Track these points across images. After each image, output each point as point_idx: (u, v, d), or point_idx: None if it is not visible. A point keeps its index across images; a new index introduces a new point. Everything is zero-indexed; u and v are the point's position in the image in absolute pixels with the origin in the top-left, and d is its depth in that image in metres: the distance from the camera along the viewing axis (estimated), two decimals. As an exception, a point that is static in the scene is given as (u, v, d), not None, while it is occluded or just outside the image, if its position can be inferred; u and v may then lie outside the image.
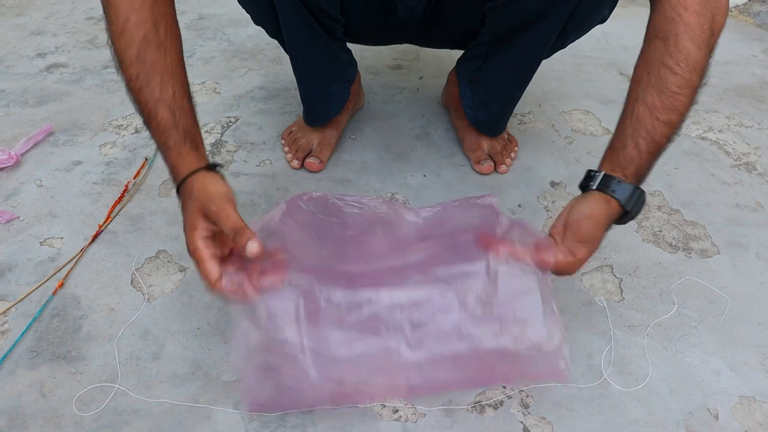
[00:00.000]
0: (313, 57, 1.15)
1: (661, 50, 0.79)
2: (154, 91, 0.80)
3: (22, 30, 1.85)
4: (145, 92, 0.80)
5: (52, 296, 0.98)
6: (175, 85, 0.82)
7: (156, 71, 0.80)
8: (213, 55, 1.71)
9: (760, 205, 1.20)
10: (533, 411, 0.84)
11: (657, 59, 0.79)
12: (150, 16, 0.80)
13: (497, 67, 1.16)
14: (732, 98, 1.56)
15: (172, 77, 0.81)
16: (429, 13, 1.09)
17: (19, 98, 1.50)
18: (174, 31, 0.84)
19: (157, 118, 0.80)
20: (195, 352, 0.91)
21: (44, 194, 1.19)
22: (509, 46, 1.10)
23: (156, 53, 0.80)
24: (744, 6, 2.10)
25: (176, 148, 0.80)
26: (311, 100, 1.26)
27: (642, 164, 0.81)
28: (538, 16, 1.01)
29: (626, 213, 0.82)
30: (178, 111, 0.81)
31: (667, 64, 0.78)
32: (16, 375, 0.87)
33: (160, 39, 0.81)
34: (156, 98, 0.80)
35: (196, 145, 0.83)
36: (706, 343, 0.94)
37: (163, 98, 0.80)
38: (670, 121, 0.79)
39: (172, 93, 0.81)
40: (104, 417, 0.82)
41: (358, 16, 1.09)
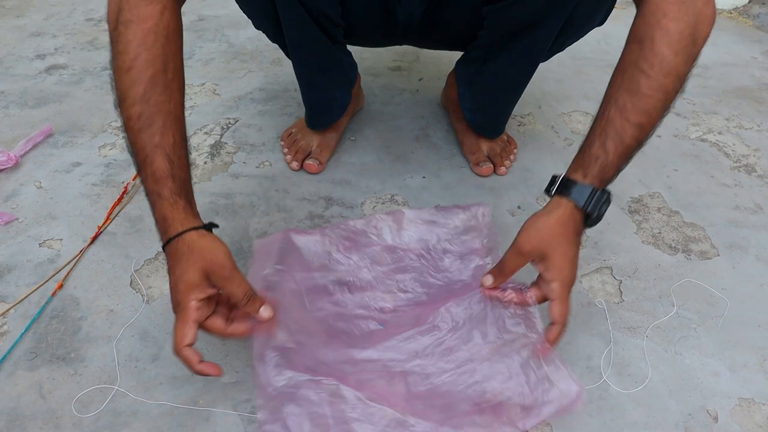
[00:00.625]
0: (315, 61, 1.15)
1: (636, 53, 0.79)
2: (155, 136, 0.77)
3: (21, 31, 1.85)
4: (144, 135, 0.77)
5: (52, 298, 0.98)
6: (176, 133, 0.78)
7: (160, 115, 0.77)
8: (213, 56, 1.71)
9: (760, 206, 1.20)
10: (532, 413, 0.84)
11: (632, 62, 0.79)
12: (161, 54, 0.77)
13: (495, 70, 1.16)
14: (731, 100, 1.56)
15: (174, 123, 0.78)
16: (428, 15, 1.09)
17: (18, 99, 1.50)
18: (180, 73, 0.82)
19: (153, 165, 0.76)
20: (194, 354, 0.90)
21: (43, 196, 1.19)
22: (507, 49, 1.10)
23: (161, 95, 0.77)
24: (744, 8, 2.10)
25: (171, 200, 0.76)
26: (314, 104, 1.26)
27: (607, 165, 0.79)
28: (535, 19, 1.01)
29: (588, 216, 0.80)
30: (176, 161, 0.77)
31: (641, 67, 0.78)
32: (15, 376, 0.87)
33: (168, 81, 0.78)
34: (155, 144, 0.77)
35: (190, 200, 0.79)
36: (705, 344, 0.94)
37: (162, 145, 0.77)
38: (640, 123, 0.78)
39: (172, 141, 0.78)
40: (103, 418, 0.82)
41: (358, 19, 1.09)
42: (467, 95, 1.26)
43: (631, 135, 0.78)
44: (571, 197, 0.79)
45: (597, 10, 1.05)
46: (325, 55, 1.14)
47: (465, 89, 1.26)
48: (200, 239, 0.75)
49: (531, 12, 1.00)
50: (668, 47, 0.77)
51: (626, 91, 0.79)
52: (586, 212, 0.80)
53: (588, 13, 1.04)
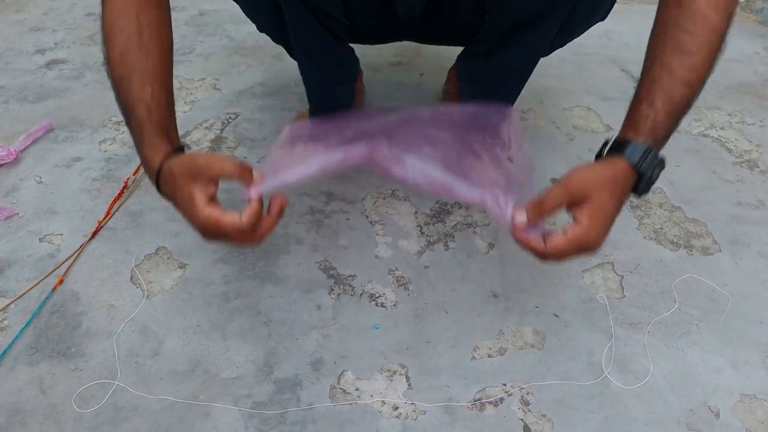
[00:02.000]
0: (319, 59, 1.15)
1: (677, 13, 0.76)
2: (134, 90, 0.81)
3: (21, 26, 1.85)
4: (125, 90, 0.81)
5: (52, 293, 0.98)
6: (155, 84, 0.82)
7: (136, 71, 0.81)
8: (213, 51, 1.71)
9: (762, 202, 1.20)
10: (533, 408, 0.84)
11: (672, 22, 0.77)
12: (135, 21, 0.82)
13: (497, 65, 1.15)
14: (734, 95, 1.56)
15: (152, 77, 0.82)
16: (429, 11, 1.09)
17: (18, 94, 1.50)
18: (160, 38, 0.85)
19: (135, 115, 0.81)
20: (194, 349, 0.90)
21: (44, 191, 1.19)
22: (508, 45, 1.10)
23: (137, 53, 0.82)
24: (747, 3, 2.10)
25: (149, 141, 0.80)
26: (319, 102, 1.26)
27: (658, 122, 0.76)
28: (538, 14, 1.01)
29: (641, 177, 0.76)
30: (154, 108, 0.81)
31: (683, 26, 0.76)
32: (15, 371, 0.87)
33: (143, 41, 0.82)
34: (135, 96, 0.81)
35: (170, 136, 0.82)
36: (707, 340, 0.93)
37: (141, 97, 0.81)
38: (687, 81, 0.76)
39: (150, 91, 0.81)
40: (104, 413, 0.82)
41: (360, 15, 1.09)
42: (468, 91, 1.25)
43: (680, 94, 0.76)
44: (625, 155, 0.75)
45: (599, 5, 1.04)
46: (329, 53, 1.14)
47: (466, 85, 1.25)
48: (175, 159, 0.77)
49: (533, 6, 0.99)
50: (708, 5, 0.75)
51: (671, 50, 0.76)
52: (639, 172, 0.76)
53: (590, 8, 1.04)
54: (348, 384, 0.86)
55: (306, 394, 0.85)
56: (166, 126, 0.82)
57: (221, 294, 0.98)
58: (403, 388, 0.86)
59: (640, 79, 0.79)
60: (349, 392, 0.85)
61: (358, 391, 0.86)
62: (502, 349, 0.91)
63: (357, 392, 0.85)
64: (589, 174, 0.74)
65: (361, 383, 0.87)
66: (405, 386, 0.86)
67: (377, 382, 0.87)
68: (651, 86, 0.77)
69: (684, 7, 0.76)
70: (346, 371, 0.88)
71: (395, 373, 0.88)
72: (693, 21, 0.75)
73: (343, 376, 0.87)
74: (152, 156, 0.79)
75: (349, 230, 1.11)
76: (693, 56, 0.75)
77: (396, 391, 0.85)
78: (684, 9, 0.76)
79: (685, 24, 0.76)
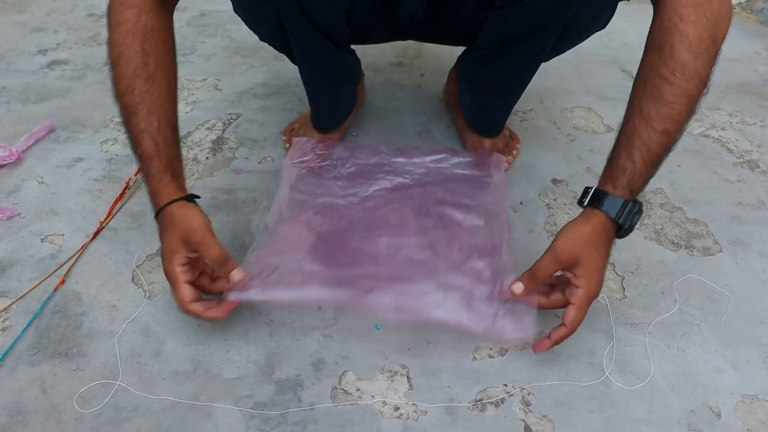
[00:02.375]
0: (322, 67, 1.16)
1: (657, 60, 0.79)
2: (140, 122, 0.86)
3: (23, 27, 1.85)
4: (132, 122, 0.87)
5: (53, 293, 0.98)
6: (161, 117, 0.87)
7: (144, 103, 0.86)
8: (214, 51, 1.71)
9: (763, 202, 1.20)
10: (534, 409, 0.84)
11: (653, 70, 0.79)
12: (140, 51, 0.87)
13: (495, 70, 1.15)
14: (735, 96, 1.56)
15: (158, 109, 0.87)
16: (429, 15, 1.09)
17: (20, 95, 1.50)
18: (165, 65, 0.90)
19: (142, 146, 0.86)
20: (196, 349, 0.91)
21: (45, 191, 1.19)
22: (507, 52, 1.09)
23: (144, 86, 0.87)
24: (747, 3, 2.10)
25: (158, 176, 0.87)
26: (321, 107, 1.26)
27: (635, 175, 0.80)
28: (536, 25, 1.01)
29: (620, 227, 0.82)
30: (161, 142, 0.87)
31: (662, 74, 0.78)
32: (17, 372, 0.87)
33: (150, 73, 0.87)
34: (141, 129, 0.86)
35: (177, 175, 0.89)
36: (708, 341, 0.93)
37: (147, 129, 0.86)
38: (666, 130, 0.79)
39: (157, 125, 0.87)
40: (105, 414, 0.82)
41: (363, 23, 1.09)
42: (467, 94, 1.26)
43: (657, 142, 0.79)
44: (603, 209, 0.81)
45: (599, 17, 1.03)
46: (331, 60, 1.14)
47: (465, 88, 1.26)
48: (179, 210, 0.85)
49: (530, 19, 0.99)
50: (688, 52, 0.77)
51: (650, 99, 0.79)
52: (618, 223, 0.82)
53: (588, 19, 1.03)
54: (349, 384, 0.87)
55: (307, 395, 0.85)
56: (174, 164, 0.89)
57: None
58: (404, 389, 0.86)
59: (621, 125, 0.83)
60: (350, 393, 0.85)
61: (360, 391, 0.86)
62: (503, 350, 0.91)
63: (358, 392, 0.86)
64: (575, 238, 0.82)
65: (362, 384, 0.87)
66: (406, 387, 0.86)
67: (378, 383, 0.87)
68: (630, 136, 0.80)
69: (665, 54, 0.78)
70: (347, 372, 0.88)
71: (396, 374, 0.88)
72: (672, 69, 0.78)
73: (345, 377, 0.87)
74: (159, 191, 0.87)
75: (350, 231, 1.11)
76: (671, 106, 0.78)
77: (397, 392, 0.86)
78: (664, 56, 0.79)
79: (664, 72, 0.78)
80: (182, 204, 0.86)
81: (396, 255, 0.96)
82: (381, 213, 1.04)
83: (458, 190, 1.08)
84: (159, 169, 0.87)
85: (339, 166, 1.14)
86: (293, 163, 1.15)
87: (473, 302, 0.87)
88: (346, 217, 1.03)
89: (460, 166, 1.15)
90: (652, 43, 0.81)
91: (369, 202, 1.06)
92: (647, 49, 0.82)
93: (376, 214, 1.04)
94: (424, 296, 0.88)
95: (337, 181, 1.11)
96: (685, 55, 0.77)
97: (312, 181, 1.11)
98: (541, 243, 1.04)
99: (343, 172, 1.13)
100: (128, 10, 0.88)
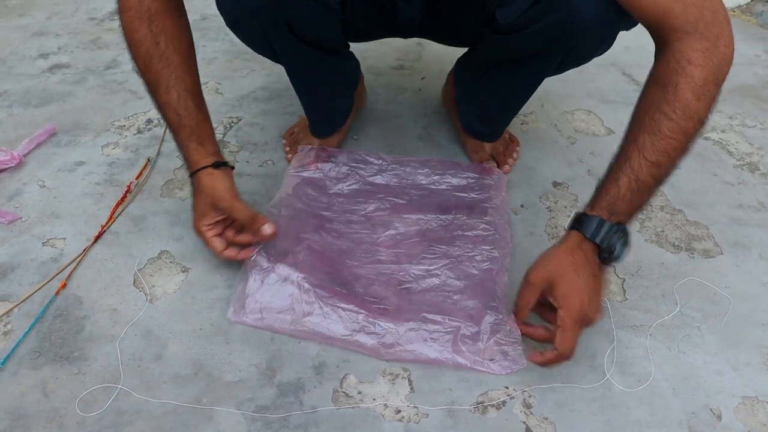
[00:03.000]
0: (315, 78, 1.16)
1: (660, 97, 0.81)
2: (162, 96, 0.95)
3: (24, 31, 1.85)
4: (156, 97, 0.96)
5: (55, 297, 0.98)
6: (180, 89, 0.95)
7: (161, 79, 0.94)
8: (215, 55, 1.71)
9: (763, 205, 1.20)
10: (536, 411, 0.84)
11: (654, 105, 0.81)
12: (148, 34, 0.93)
13: (491, 87, 1.15)
14: (735, 98, 1.56)
15: (176, 83, 0.94)
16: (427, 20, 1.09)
17: (21, 99, 1.50)
18: (175, 41, 0.95)
19: (168, 118, 0.96)
20: (197, 353, 0.91)
21: (47, 195, 1.19)
22: (506, 69, 1.10)
23: (159, 63, 0.93)
24: (747, 6, 2.10)
25: (184, 144, 0.96)
26: (316, 115, 1.26)
27: (618, 198, 0.82)
28: (534, 52, 1.01)
29: (601, 249, 0.83)
30: (183, 112, 0.95)
31: (663, 110, 0.80)
32: (18, 375, 0.87)
33: (161, 51, 0.93)
34: (163, 102, 0.95)
35: (202, 141, 0.97)
36: (708, 343, 0.93)
37: (168, 102, 0.94)
38: (657, 162, 0.80)
39: (176, 97, 0.94)
40: (107, 417, 0.82)
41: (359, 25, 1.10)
42: (464, 101, 1.26)
43: (647, 172, 0.81)
44: (579, 228, 0.84)
45: (599, 47, 1.02)
46: (325, 70, 1.14)
47: (461, 95, 1.26)
48: (206, 178, 0.95)
49: (529, 47, 0.99)
50: (692, 93, 0.79)
51: (646, 131, 0.81)
52: (597, 243, 0.82)
53: (589, 51, 1.02)
54: (350, 387, 0.87)
55: (309, 398, 0.85)
56: (198, 131, 0.97)
57: (224, 298, 0.99)
58: (406, 392, 0.86)
59: (616, 153, 0.85)
60: (351, 396, 0.86)
61: (361, 394, 0.86)
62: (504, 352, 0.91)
63: (360, 395, 0.86)
64: (546, 261, 0.83)
65: (363, 387, 0.87)
66: (407, 389, 0.86)
67: (380, 386, 0.87)
68: (621, 164, 0.83)
69: (668, 92, 0.80)
70: (348, 375, 0.88)
71: (398, 377, 0.88)
72: (673, 107, 0.79)
73: (346, 380, 0.88)
74: (189, 158, 0.97)
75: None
76: (668, 140, 0.80)
77: (398, 395, 0.86)
78: (668, 94, 0.80)
79: (665, 109, 0.80)
80: (210, 171, 0.95)
81: (387, 285, 0.98)
82: (379, 238, 1.06)
83: (456, 222, 1.09)
84: (185, 137, 0.96)
85: (341, 182, 1.17)
86: (296, 171, 1.19)
87: (462, 339, 0.89)
88: (344, 239, 1.05)
89: (460, 188, 1.16)
90: (657, 81, 0.82)
91: (367, 224, 1.09)
92: (650, 85, 0.83)
93: (374, 238, 1.06)
94: (413, 332, 0.90)
95: (338, 198, 1.14)
96: (689, 96, 0.79)
97: (312, 194, 1.15)
98: (542, 246, 1.04)
99: (345, 189, 1.16)
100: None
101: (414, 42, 1.72)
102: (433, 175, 1.19)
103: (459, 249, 1.03)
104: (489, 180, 1.18)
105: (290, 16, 0.96)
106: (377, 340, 0.89)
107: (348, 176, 1.18)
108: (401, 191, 1.15)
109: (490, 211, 1.11)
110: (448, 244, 1.05)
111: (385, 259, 1.02)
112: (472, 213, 1.11)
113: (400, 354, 0.89)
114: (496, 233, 1.06)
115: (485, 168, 1.22)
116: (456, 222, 1.09)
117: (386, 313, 0.92)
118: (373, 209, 1.12)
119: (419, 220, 1.09)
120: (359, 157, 1.23)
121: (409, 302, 0.95)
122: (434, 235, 1.06)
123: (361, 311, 0.92)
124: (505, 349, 0.89)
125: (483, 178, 1.18)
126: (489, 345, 0.89)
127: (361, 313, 0.92)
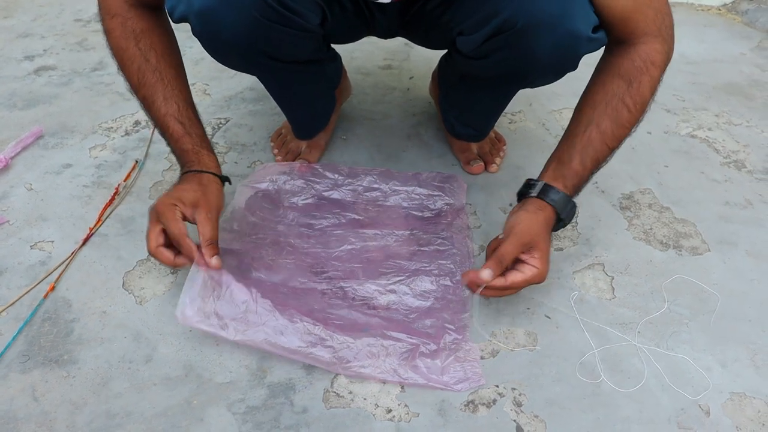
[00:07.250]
0: (292, 90, 1.17)
1: (623, 90, 0.90)
2: (160, 109, 0.94)
3: (9, 32, 1.84)
4: (153, 110, 0.95)
5: (44, 300, 0.98)
6: (179, 100, 0.95)
7: (157, 92, 0.94)
8: (203, 56, 1.69)
9: (750, 202, 1.21)
10: (526, 409, 0.84)
11: (618, 96, 0.90)
12: (137, 52, 0.94)
13: (468, 95, 1.17)
14: (721, 96, 1.57)
15: (173, 94, 0.95)
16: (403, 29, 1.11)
17: (7, 101, 1.49)
18: (166, 56, 0.96)
19: (170, 129, 0.95)
20: (187, 354, 0.90)
21: (34, 197, 1.19)
22: (477, 84, 1.12)
23: (153, 77, 0.94)
24: (732, 4, 2.12)
25: (195, 150, 0.95)
26: (297, 121, 1.27)
27: (582, 180, 0.92)
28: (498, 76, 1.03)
29: (559, 221, 0.92)
30: (186, 122, 0.95)
31: (626, 103, 0.90)
32: (8, 379, 0.87)
33: (153, 65, 0.94)
34: (163, 114, 0.94)
35: (211, 150, 0.98)
36: (697, 340, 0.94)
37: (169, 113, 0.94)
38: (614, 148, 0.92)
39: (176, 108, 0.95)
40: (97, 420, 0.82)
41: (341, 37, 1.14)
42: (446, 105, 1.28)
43: (605, 157, 0.93)
44: (554, 204, 0.91)
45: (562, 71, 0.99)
46: (304, 78, 1.14)
47: (443, 97, 1.28)
48: (210, 184, 0.93)
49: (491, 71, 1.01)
50: (650, 91, 0.91)
51: (610, 120, 0.90)
52: (559, 218, 0.92)
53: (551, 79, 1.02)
54: (341, 387, 0.87)
55: (299, 398, 0.85)
56: (205, 140, 0.98)
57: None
58: (396, 391, 0.86)
59: (574, 129, 0.94)
60: (342, 396, 0.86)
61: (352, 394, 0.86)
62: (494, 351, 0.92)
63: (350, 395, 0.86)
64: (533, 225, 0.89)
65: (354, 386, 0.87)
66: (398, 389, 0.86)
67: (370, 385, 0.87)
68: (586, 145, 0.91)
69: (632, 87, 0.90)
70: (339, 375, 0.88)
71: (388, 376, 0.88)
72: (635, 101, 0.90)
73: (336, 380, 0.88)
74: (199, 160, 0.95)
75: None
76: (624, 129, 0.91)
77: (389, 394, 0.86)
78: (632, 90, 0.90)
79: (628, 101, 0.90)
80: (216, 180, 0.95)
81: (344, 299, 0.97)
82: (334, 253, 1.05)
83: (412, 237, 1.08)
84: (195, 144, 0.95)
85: (296, 195, 1.16)
86: (250, 184, 1.17)
87: (420, 356, 0.88)
88: (299, 253, 1.04)
89: (417, 202, 1.16)
90: (620, 73, 0.91)
91: (323, 238, 1.08)
92: (612, 77, 0.91)
93: (330, 253, 1.05)
94: (370, 348, 0.89)
95: (292, 211, 1.13)
96: (647, 93, 0.90)
97: (267, 206, 1.13)
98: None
99: (299, 203, 1.15)
100: (113, 19, 0.94)
101: (402, 42, 1.73)
102: (390, 190, 1.18)
103: (416, 264, 1.03)
104: (447, 192, 1.18)
105: (269, 46, 0.96)
106: (333, 354, 0.87)
107: (303, 190, 1.17)
108: (357, 207, 1.14)
109: (446, 225, 1.11)
110: (406, 259, 1.04)
111: (342, 275, 1.01)
112: (428, 228, 1.10)
113: (357, 370, 0.87)
114: (453, 247, 1.06)
115: (444, 176, 1.22)
116: (412, 237, 1.08)
117: (343, 328, 0.90)
118: (329, 224, 1.11)
119: (375, 235, 1.08)
120: (318, 172, 1.21)
121: (366, 318, 0.94)
122: (391, 251, 1.05)
123: (317, 324, 0.89)
124: (464, 366, 0.88)
125: (442, 189, 1.18)
126: (448, 363, 0.88)
127: (318, 325, 0.89)
